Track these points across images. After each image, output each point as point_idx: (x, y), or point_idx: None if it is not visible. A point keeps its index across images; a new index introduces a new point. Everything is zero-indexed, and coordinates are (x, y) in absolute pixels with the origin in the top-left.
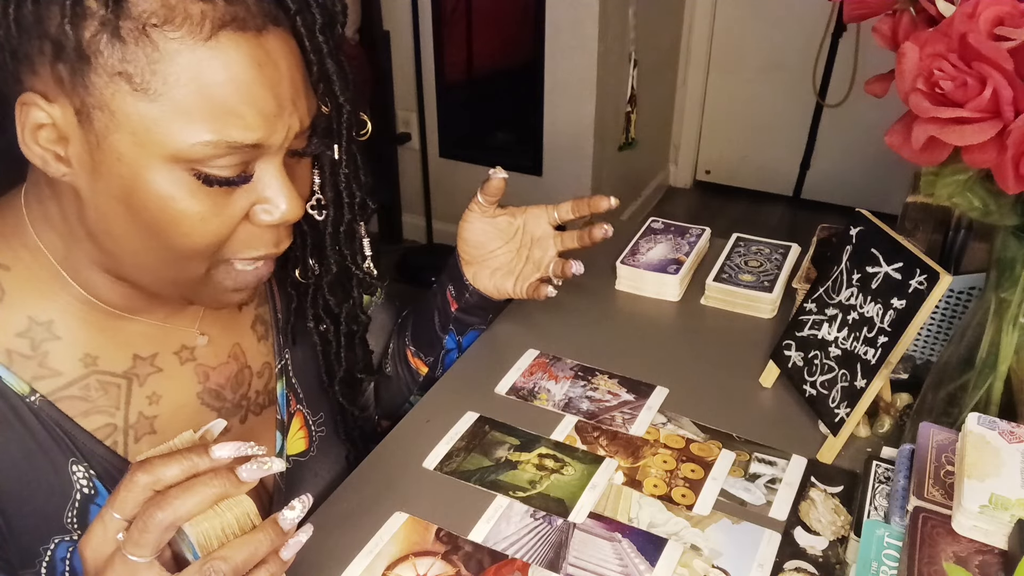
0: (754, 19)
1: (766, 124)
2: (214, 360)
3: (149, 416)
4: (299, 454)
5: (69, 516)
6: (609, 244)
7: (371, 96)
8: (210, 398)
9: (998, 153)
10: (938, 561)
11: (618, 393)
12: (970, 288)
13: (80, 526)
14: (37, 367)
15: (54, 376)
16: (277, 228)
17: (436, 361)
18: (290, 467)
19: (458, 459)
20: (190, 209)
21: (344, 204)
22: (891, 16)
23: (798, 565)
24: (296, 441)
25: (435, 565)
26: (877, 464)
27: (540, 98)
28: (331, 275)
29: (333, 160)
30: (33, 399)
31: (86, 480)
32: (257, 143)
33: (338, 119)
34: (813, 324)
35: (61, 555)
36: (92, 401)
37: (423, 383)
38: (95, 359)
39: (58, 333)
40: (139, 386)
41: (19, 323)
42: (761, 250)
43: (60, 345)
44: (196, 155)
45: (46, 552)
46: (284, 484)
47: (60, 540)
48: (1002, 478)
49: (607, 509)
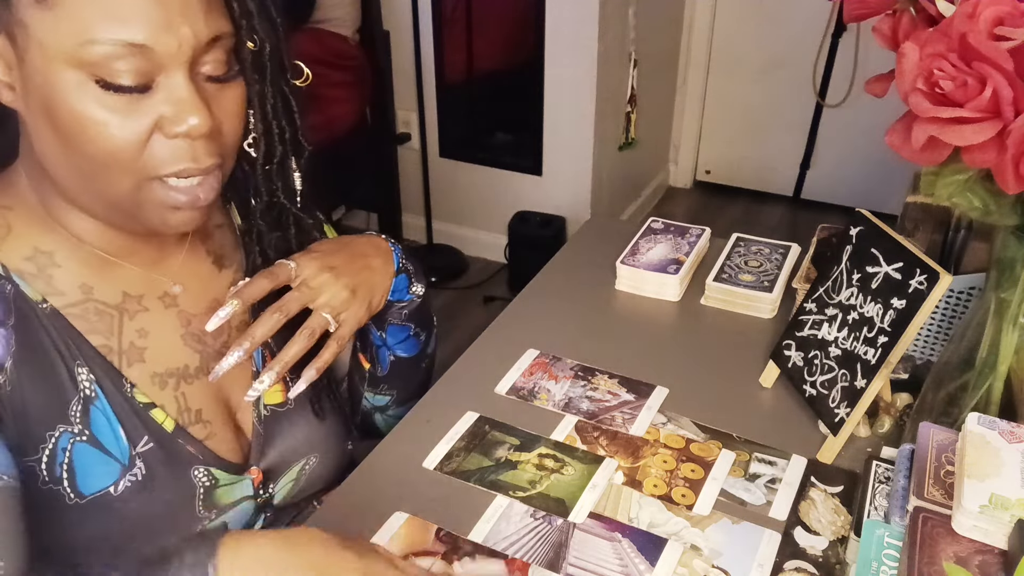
0: (754, 19)
1: (766, 124)
2: (194, 309)
3: (139, 347)
4: (277, 405)
5: (74, 410)
6: (609, 244)
7: (371, 96)
8: (192, 341)
9: (998, 153)
10: (938, 561)
11: (618, 393)
12: (970, 288)
13: (81, 422)
14: (45, 285)
15: (60, 295)
16: (193, 143)
17: (373, 358)
18: (267, 415)
19: (458, 459)
20: (96, 116)
21: (275, 139)
22: (891, 16)
23: (798, 565)
24: (274, 393)
25: (435, 565)
26: (877, 464)
27: (540, 98)
28: (265, 208)
29: (263, 96)
30: (44, 306)
31: (89, 383)
32: (143, 44)
33: (260, 54)
34: (813, 324)
35: (63, 445)
36: (91, 322)
37: (369, 379)
38: (91, 288)
39: (58, 262)
40: (129, 319)
41: (26, 250)
42: (761, 250)
43: (61, 272)
44: (90, 57)
45: (51, 438)
46: (263, 428)
47: (64, 430)
48: (1002, 478)
49: (607, 509)
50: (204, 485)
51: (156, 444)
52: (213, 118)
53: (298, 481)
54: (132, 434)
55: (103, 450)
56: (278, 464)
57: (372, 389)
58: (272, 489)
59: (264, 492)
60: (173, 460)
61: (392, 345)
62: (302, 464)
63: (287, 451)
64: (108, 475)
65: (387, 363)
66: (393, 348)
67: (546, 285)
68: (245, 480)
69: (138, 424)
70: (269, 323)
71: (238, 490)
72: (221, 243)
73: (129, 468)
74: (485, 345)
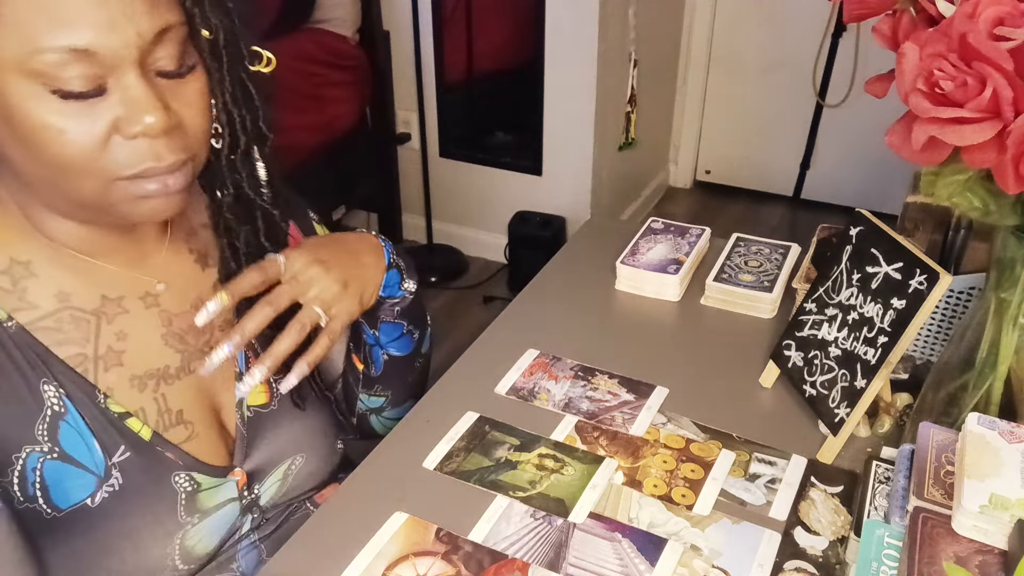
0: (754, 19)
1: (766, 124)
2: (176, 308)
3: (117, 350)
4: (260, 406)
5: (40, 429)
6: (609, 244)
7: (371, 96)
8: (174, 340)
9: (998, 153)
10: (938, 561)
11: (618, 393)
12: (970, 288)
13: (49, 439)
14: (16, 300)
15: (31, 308)
16: (154, 141)
17: (367, 358)
18: (251, 416)
19: (458, 459)
20: (52, 123)
21: (237, 128)
22: (891, 16)
23: (798, 565)
24: (257, 394)
25: (435, 565)
26: (877, 464)
27: (540, 98)
28: (233, 200)
29: (222, 85)
30: (9, 324)
31: (56, 399)
32: (86, 48)
33: (215, 42)
34: (813, 324)
35: (32, 465)
36: (65, 332)
37: (363, 381)
38: (68, 296)
39: (35, 272)
40: (107, 323)
41: (2, 262)
42: (761, 250)
43: (37, 282)
44: (39, 67)
45: (18, 460)
46: (246, 430)
47: (31, 450)
48: (1002, 478)
49: (607, 509)
50: (186, 490)
51: (133, 453)
52: (172, 114)
53: (285, 481)
54: (107, 445)
55: (76, 464)
56: (263, 465)
57: (367, 390)
58: (258, 490)
59: (249, 494)
60: (152, 468)
61: (385, 344)
62: (288, 464)
63: (272, 452)
64: (83, 488)
65: (381, 363)
66: (386, 347)
67: (546, 285)
68: (229, 483)
69: (113, 434)
70: (259, 317)
71: (222, 493)
72: (205, 242)
73: (105, 479)
74: (485, 345)
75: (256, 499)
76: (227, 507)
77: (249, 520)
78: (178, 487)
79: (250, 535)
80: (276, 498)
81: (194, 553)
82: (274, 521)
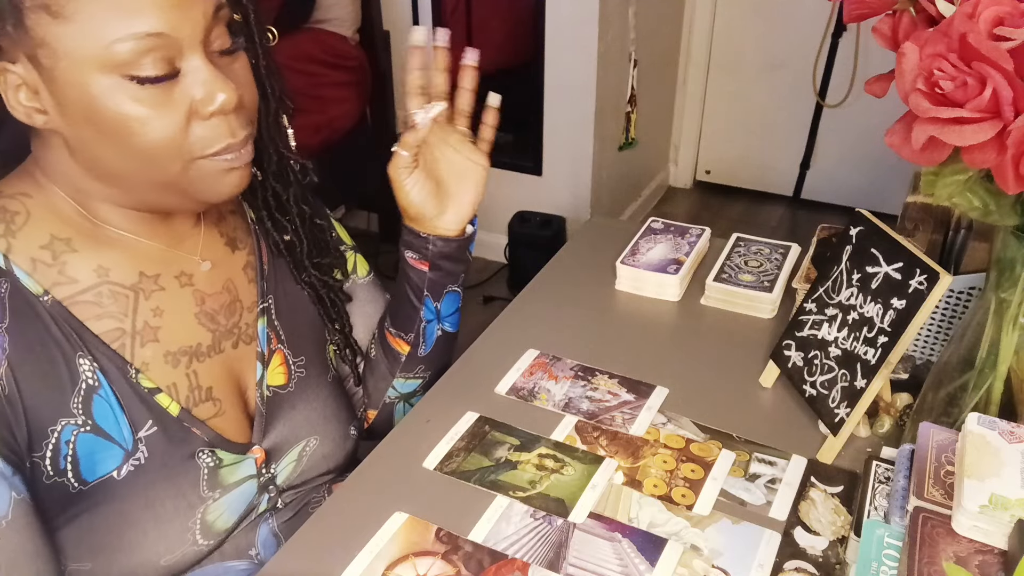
0: (754, 19)
1: (766, 124)
2: (209, 288)
3: (153, 326)
4: (279, 386)
5: (75, 402)
6: (609, 244)
7: (371, 96)
8: (206, 319)
9: (998, 153)
10: (938, 561)
11: (618, 393)
12: (970, 288)
13: (83, 412)
14: (56, 274)
15: (70, 283)
16: (227, 118)
17: (417, 337)
18: (270, 396)
19: (458, 459)
20: (136, 112)
21: (268, 96)
22: (891, 16)
23: (798, 565)
24: (276, 375)
25: (435, 565)
26: (877, 464)
27: (540, 98)
28: (272, 164)
29: (258, 60)
30: (46, 299)
31: (91, 372)
32: (160, 32)
33: (247, 20)
34: (813, 324)
35: (66, 437)
36: (104, 307)
37: (405, 363)
38: (107, 271)
39: (76, 247)
40: (144, 299)
41: (43, 238)
42: (761, 250)
43: (77, 257)
44: (119, 58)
45: (53, 433)
46: (264, 408)
47: (66, 423)
48: (1002, 478)
49: (607, 509)
50: (208, 466)
51: (160, 428)
52: (236, 90)
53: (300, 462)
54: (135, 419)
55: (106, 436)
56: (280, 444)
57: (407, 372)
58: (275, 469)
59: (267, 471)
60: (177, 443)
61: (444, 317)
62: (302, 445)
63: (288, 432)
64: (111, 460)
65: (433, 340)
66: (443, 321)
67: (546, 285)
68: (248, 460)
69: (142, 409)
70: (465, 96)
71: (241, 469)
72: (234, 226)
73: (132, 453)
74: (485, 345)
75: (273, 478)
76: (246, 484)
77: (266, 499)
78: (201, 463)
79: (267, 517)
80: (292, 478)
81: (214, 528)
82: (293, 507)
